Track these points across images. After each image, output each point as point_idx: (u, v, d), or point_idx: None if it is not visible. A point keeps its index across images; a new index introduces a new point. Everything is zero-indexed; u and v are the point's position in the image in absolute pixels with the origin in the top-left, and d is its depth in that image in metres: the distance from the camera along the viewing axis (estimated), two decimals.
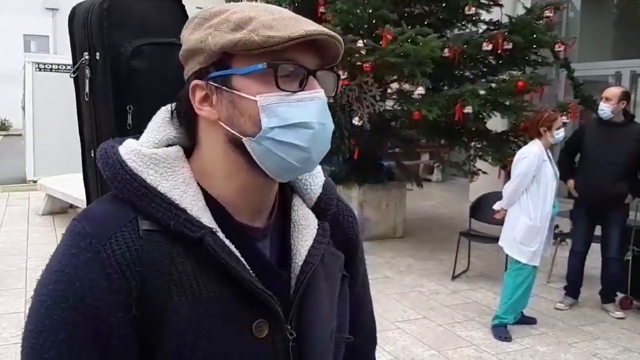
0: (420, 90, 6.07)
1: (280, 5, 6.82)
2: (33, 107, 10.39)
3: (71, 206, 8.09)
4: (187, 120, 0.88)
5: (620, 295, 5.03)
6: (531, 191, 4.36)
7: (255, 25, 0.79)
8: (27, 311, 2.95)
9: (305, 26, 0.79)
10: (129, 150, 0.84)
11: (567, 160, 5.09)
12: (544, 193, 4.34)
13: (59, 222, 7.76)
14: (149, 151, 0.84)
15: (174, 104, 0.90)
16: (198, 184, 0.85)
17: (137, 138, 0.89)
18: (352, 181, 7.08)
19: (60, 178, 8.26)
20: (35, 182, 9.34)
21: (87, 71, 1.04)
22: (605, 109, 4.73)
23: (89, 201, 1.12)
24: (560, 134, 4.36)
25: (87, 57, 1.04)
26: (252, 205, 0.88)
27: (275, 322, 0.84)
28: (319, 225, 0.94)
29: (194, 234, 0.79)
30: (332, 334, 0.95)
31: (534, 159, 4.30)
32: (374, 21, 6.51)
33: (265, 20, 0.79)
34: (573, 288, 5.07)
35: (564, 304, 5.02)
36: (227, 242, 0.81)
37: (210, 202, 0.84)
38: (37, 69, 10.44)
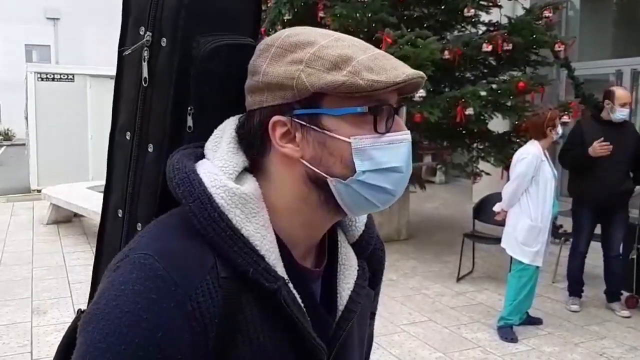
0: (421, 92, 6.07)
1: (280, 11, 6.87)
2: (36, 116, 10.43)
3: (75, 215, 8.12)
4: (258, 153, 0.83)
5: (625, 294, 5.03)
6: (531, 192, 4.38)
7: (355, 66, 0.76)
8: (33, 321, 2.95)
9: (402, 69, 0.78)
10: (217, 183, 0.78)
11: (573, 151, 4.98)
12: (544, 193, 4.35)
13: (63, 231, 7.78)
14: (240, 190, 0.78)
15: (237, 130, 0.85)
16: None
17: (198, 150, 0.84)
18: None
19: (65, 187, 8.29)
20: (39, 191, 9.37)
21: (146, 53, 0.90)
22: (625, 114, 4.76)
23: (108, 186, 1.00)
24: (561, 131, 4.43)
25: (149, 37, 0.90)
26: (308, 241, 0.86)
27: None
28: (359, 265, 0.91)
29: (270, 284, 0.76)
30: None
31: (532, 159, 4.32)
32: (373, 25, 6.52)
33: (364, 60, 0.77)
34: (577, 288, 5.07)
35: (577, 305, 5.00)
36: (296, 295, 0.79)
37: (279, 243, 0.81)
38: (40, 79, 10.48)
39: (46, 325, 4.55)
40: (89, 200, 7.47)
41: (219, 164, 0.80)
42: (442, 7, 7.22)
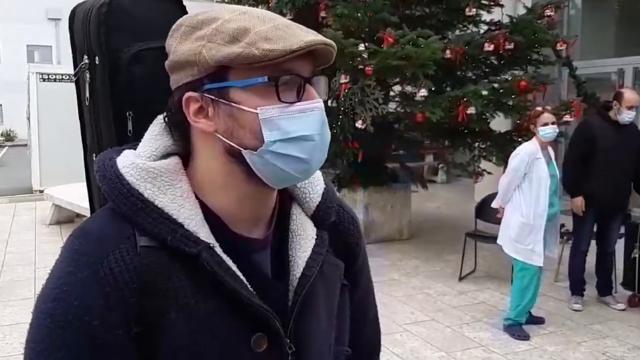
0: (423, 92, 6.08)
1: (281, 11, 6.87)
2: (38, 117, 10.45)
3: (78, 215, 8.13)
4: (181, 131, 0.86)
5: (627, 293, 5.04)
6: (523, 189, 4.40)
7: (252, 37, 0.77)
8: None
9: (303, 36, 0.78)
10: (127, 163, 0.82)
11: (578, 172, 4.91)
12: (537, 191, 4.35)
13: (66, 231, 7.78)
14: (147, 164, 0.82)
15: (164, 114, 0.89)
16: (196, 196, 0.84)
17: (136, 147, 0.87)
18: (357, 184, 7.09)
19: (67, 187, 8.30)
20: (41, 192, 9.39)
21: (87, 75, 1.01)
22: (632, 117, 4.76)
23: (91, 206, 1.09)
24: (546, 131, 4.33)
25: (86, 60, 1.01)
26: (251, 215, 0.87)
27: (274, 336, 0.83)
28: (317, 235, 0.92)
29: (190, 249, 0.78)
30: (330, 347, 0.94)
31: (524, 156, 4.36)
32: (375, 24, 6.52)
33: (262, 31, 0.77)
34: (579, 287, 5.08)
35: (579, 304, 5.00)
36: (224, 257, 0.80)
37: (209, 214, 0.83)
38: (41, 80, 10.50)
39: None
40: None
41: (137, 151, 0.85)
42: (444, 7, 7.22)
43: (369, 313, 1.12)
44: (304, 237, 0.91)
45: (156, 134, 0.87)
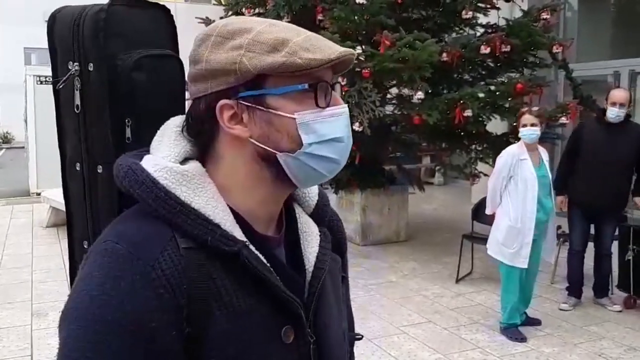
0: (420, 94, 6.10)
1: (278, 14, 6.89)
2: (35, 119, 10.44)
3: None
4: (206, 137, 0.88)
5: (622, 295, 5.06)
6: (510, 192, 4.40)
7: (292, 47, 0.82)
8: (33, 324, 2.96)
9: (335, 47, 0.84)
10: (158, 167, 0.84)
11: (565, 170, 5.08)
12: (523, 193, 4.32)
13: (63, 234, 7.76)
14: (180, 168, 0.85)
15: (182, 119, 0.91)
16: None
17: (143, 152, 0.89)
18: (354, 186, 7.10)
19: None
20: (38, 194, 9.38)
21: (77, 83, 1.00)
22: (620, 115, 4.77)
23: (69, 217, 1.08)
24: (524, 132, 4.34)
25: (77, 67, 0.99)
26: (268, 214, 0.92)
27: (299, 327, 0.88)
28: (320, 231, 0.98)
29: (230, 248, 0.81)
30: (344, 334, 1.01)
31: (507, 157, 4.37)
32: (371, 27, 6.54)
33: (299, 42, 0.83)
34: (575, 288, 5.10)
35: (568, 304, 5.04)
36: (259, 254, 0.84)
37: (234, 215, 0.86)
38: (39, 82, 10.50)
39: (46, 328, 4.55)
40: None
41: (160, 155, 0.87)
42: (440, 10, 7.24)
43: (348, 302, 1.19)
44: (310, 234, 0.97)
45: (174, 139, 0.89)
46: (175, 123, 0.92)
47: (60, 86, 1.02)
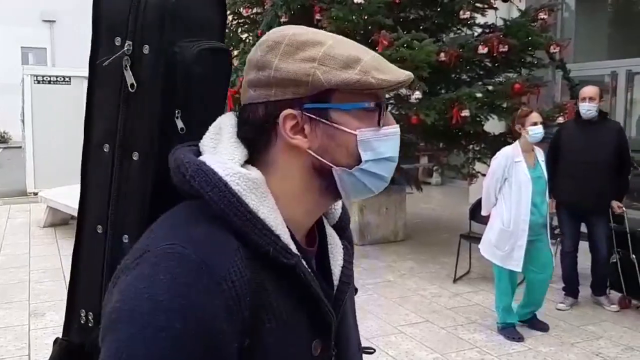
0: (418, 94, 6.10)
1: (276, 13, 6.88)
2: (32, 119, 10.42)
3: (72, 217, 8.11)
4: (263, 144, 0.87)
5: (618, 295, 5.07)
6: (504, 194, 4.37)
7: (365, 66, 0.83)
8: (30, 324, 2.95)
9: (400, 70, 0.87)
10: (230, 171, 0.82)
11: (549, 171, 4.90)
12: (517, 196, 4.29)
13: (60, 234, 7.77)
14: (252, 175, 0.83)
15: (238, 123, 0.89)
16: None
17: (194, 147, 0.87)
18: None
19: (61, 190, 8.28)
20: (36, 194, 9.36)
21: (126, 62, 0.91)
22: (591, 109, 4.79)
23: (83, 199, 1.00)
24: (535, 131, 4.28)
25: (129, 46, 0.90)
26: (308, 226, 0.92)
27: (327, 340, 0.89)
28: (343, 244, 0.99)
29: (288, 260, 0.81)
30: (359, 346, 1.03)
31: (501, 159, 4.32)
32: (369, 27, 6.55)
33: (370, 61, 0.84)
34: (571, 288, 5.11)
35: (565, 304, 5.06)
36: (308, 268, 0.84)
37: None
38: (36, 82, 10.47)
39: (43, 328, 4.55)
40: None
41: (226, 156, 0.84)
42: (438, 10, 7.25)
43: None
44: (335, 246, 0.97)
45: (234, 141, 0.87)
46: (231, 123, 0.90)
47: (105, 63, 0.92)
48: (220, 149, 0.86)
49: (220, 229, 0.79)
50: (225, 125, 0.89)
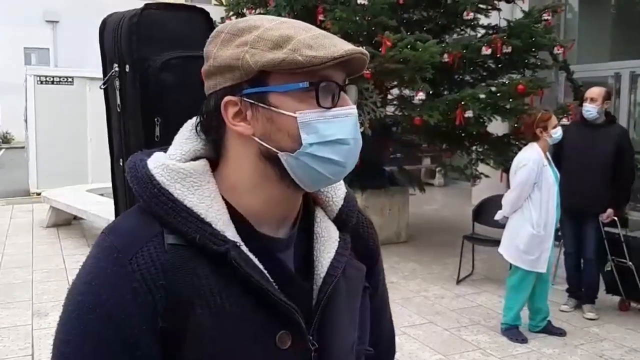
0: (421, 95, 6.10)
1: (279, 14, 6.89)
2: (35, 119, 10.43)
3: (75, 218, 8.13)
4: (214, 135, 0.89)
5: (617, 298, 5.05)
6: (533, 199, 4.26)
7: (295, 44, 0.81)
8: (33, 324, 2.98)
9: (342, 45, 0.83)
10: (158, 164, 0.86)
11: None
12: (547, 200, 4.26)
13: (63, 234, 7.78)
14: (177, 165, 0.86)
15: (197, 118, 0.92)
16: (223, 198, 0.87)
17: (166, 150, 0.90)
18: (355, 187, 7.10)
19: (64, 190, 8.30)
20: (39, 194, 9.38)
21: (117, 83, 1.07)
22: (591, 110, 4.75)
23: (117, 210, 1.15)
24: (557, 133, 4.28)
25: (116, 68, 1.06)
26: (276, 216, 0.90)
27: (297, 333, 0.86)
28: (340, 237, 0.96)
29: (218, 247, 0.81)
30: (353, 345, 0.97)
31: (533, 166, 4.21)
32: (373, 28, 6.54)
33: (304, 39, 0.81)
34: (574, 289, 5.10)
35: (568, 305, 5.04)
36: (250, 255, 0.83)
37: (235, 215, 0.86)
38: (39, 82, 10.48)
39: (47, 328, 4.55)
40: (88, 203, 7.48)
41: (168, 153, 0.89)
42: (442, 11, 7.24)
43: (387, 312, 1.16)
44: (327, 239, 0.94)
45: (186, 138, 0.90)
46: (193, 122, 0.92)
47: (103, 86, 1.11)
48: (171, 147, 0.90)
49: (148, 219, 0.84)
50: (187, 125, 0.92)
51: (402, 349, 4.24)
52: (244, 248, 0.83)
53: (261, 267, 0.83)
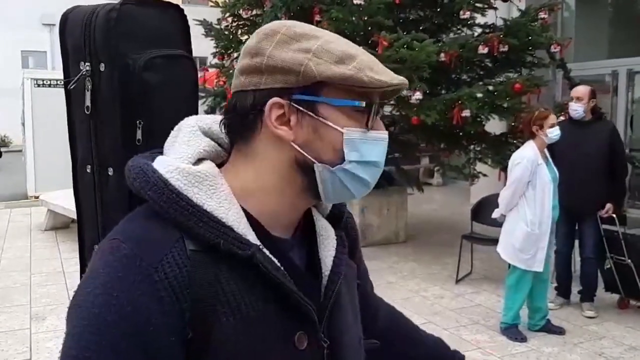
0: (418, 95, 6.09)
1: (276, 15, 6.88)
2: (33, 123, 10.42)
3: (73, 221, 8.10)
4: (248, 132, 0.86)
5: (610, 298, 5.04)
6: (528, 197, 4.27)
7: (360, 63, 0.82)
8: (32, 328, 2.96)
9: (394, 74, 0.85)
10: (171, 168, 0.82)
11: None
12: (541, 198, 4.25)
13: (61, 237, 7.76)
14: (192, 169, 0.83)
15: (197, 119, 0.90)
16: None
17: (155, 154, 0.87)
18: None
19: (62, 193, 8.26)
20: (36, 197, 9.36)
21: (88, 83, 0.98)
22: (578, 109, 4.76)
23: (80, 219, 1.07)
24: (554, 132, 4.26)
25: (88, 67, 0.98)
26: (288, 220, 0.90)
27: (312, 332, 0.86)
28: (337, 235, 0.97)
29: (244, 252, 0.79)
30: (360, 340, 0.99)
31: (527, 164, 4.21)
32: (369, 28, 6.54)
33: (365, 60, 0.83)
34: (562, 287, 5.09)
35: (554, 303, 5.03)
36: (272, 258, 0.82)
37: (249, 218, 0.84)
38: (36, 85, 10.47)
39: (45, 331, 4.54)
40: None
41: (173, 155, 0.86)
42: (438, 10, 7.25)
43: (371, 287, 1.24)
44: (327, 238, 0.95)
45: (187, 140, 0.87)
46: (189, 123, 0.90)
47: (72, 86, 1.01)
48: (173, 150, 0.87)
49: (163, 224, 0.80)
50: (183, 126, 0.90)
51: None
52: (266, 251, 0.82)
53: (282, 268, 0.83)
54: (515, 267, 4.38)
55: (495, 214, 4.57)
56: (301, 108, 0.83)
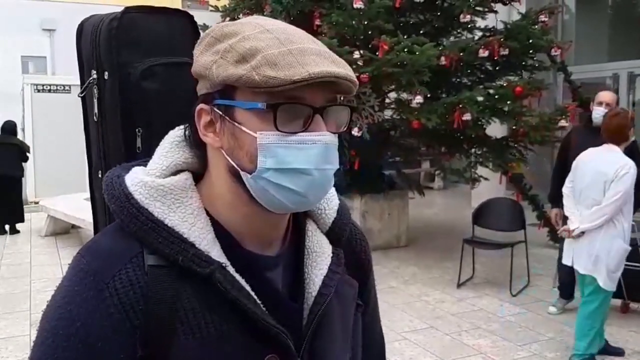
0: (419, 98, 6.09)
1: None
2: (33, 128, 10.43)
3: (73, 226, 8.10)
4: (196, 143, 0.84)
5: (619, 301, 5.00)
6: (624, 211, 3.70)
7: (259, 61, 0.73)
8: (32, 334, 2.93)
9: (312, 66, 0.72)
10: (136, 181, 0.80)
11: (558, 180, 4.69)
12: (632, 209, 3.79)
13: (61, 243, 7.75)
14: (156, 182, 0.80)
15: (185, 126, 0.87)
16: (207, 211, 0.82)
17: (146, 163, 0.85)
18: (354, 192, 7.08)
19: (62, 198, 8.27)
20: (37, 203, 9.35)
21: (95, 90, 1.00)
22: (601, 114, 4.70)
23: (95, 223, 1.08)
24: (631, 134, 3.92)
25: (95, 76, 0.99)
26: (260, 233, 0.84)
27: (286, 356, 0.81)
28: (333, 252, 0.90)
29: (202, 269, 0.76)
30: None
31: (634, 172, 3.63)
32: (370, 32, 6.54)
33: (270, 55, 0.73)
34: (566, 290, 5.07)
35: (556, 308, 5.01)
36: (237, 276, 0.78)
37: (220, 231, 0.81)
38: (36, 91, 10.49)
39: None
40: (86, 212, 7.37)
41: (147, 168, 0.83)
42: (438, 14, 7.25)
43: (377, 326, 1.11)
44: (320, 255, 0.88)
45: (167, 151, 0.84)
46: (175, 133, 0.87)
47: (82, 94, 1.03)
48: (150, 160, 0.85)
49: (126, 239, 0.78)
50: (169, 137, 0.87)
51: (402, 354, 4.20)
52: (230, 269, 0.78)
53: (248, 288, 0.78)
54: (600, 290, 3.76)
55: (573, 226, 3.82)
56: (221, 113, 0.78)
